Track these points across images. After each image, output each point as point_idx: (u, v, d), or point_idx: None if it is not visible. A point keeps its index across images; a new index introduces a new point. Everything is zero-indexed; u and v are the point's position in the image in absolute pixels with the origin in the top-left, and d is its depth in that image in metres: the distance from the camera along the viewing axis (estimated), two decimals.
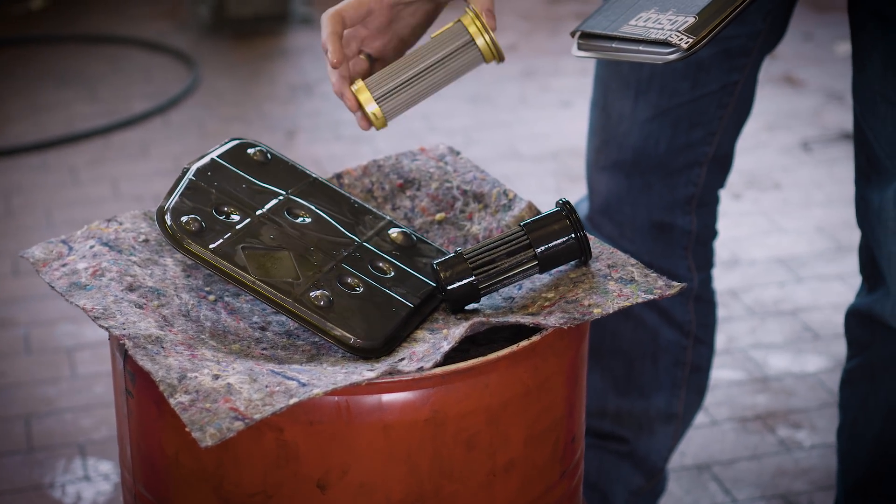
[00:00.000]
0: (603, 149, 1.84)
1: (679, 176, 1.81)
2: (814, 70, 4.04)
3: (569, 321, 1.23)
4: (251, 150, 1.42)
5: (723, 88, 1.76)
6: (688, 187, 1.82)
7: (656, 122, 1.77)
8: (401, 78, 1.38)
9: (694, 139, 1.78)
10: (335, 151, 3.52)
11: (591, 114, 1.86)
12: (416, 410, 1.18)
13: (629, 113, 1.79)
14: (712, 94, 1.76)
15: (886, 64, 1.56)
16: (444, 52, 1.38)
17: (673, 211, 1.84)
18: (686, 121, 1.77)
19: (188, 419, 1.11)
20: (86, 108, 3.82)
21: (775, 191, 3.28)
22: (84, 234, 1.37)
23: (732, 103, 1.77)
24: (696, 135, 1.78)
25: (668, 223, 1.85)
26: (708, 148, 1.80)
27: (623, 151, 1.81)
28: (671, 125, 1.77)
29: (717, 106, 1.77)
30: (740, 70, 1.75)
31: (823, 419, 2.36)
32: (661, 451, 1.99)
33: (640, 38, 1.34)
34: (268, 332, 1.29)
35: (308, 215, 1.37)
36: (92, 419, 2.37)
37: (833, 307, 2.72)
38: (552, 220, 1.32)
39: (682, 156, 1.80)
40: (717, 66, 1.74)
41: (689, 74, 1.74)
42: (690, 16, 1.34)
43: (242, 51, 4.30)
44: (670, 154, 1.79)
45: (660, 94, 1.76)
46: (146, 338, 1.20)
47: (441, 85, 1.39)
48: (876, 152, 1.61)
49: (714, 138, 1.79)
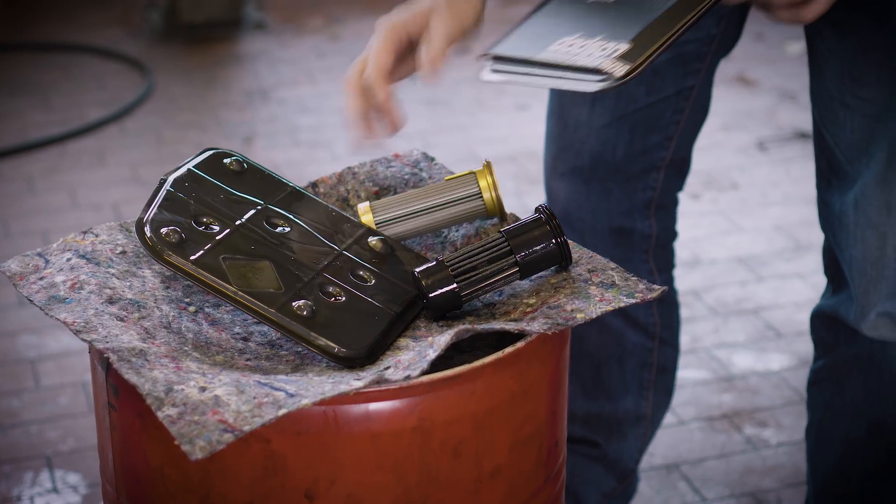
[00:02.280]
0: (560, 155, 1.85)
1: (637, 181, 1.82)
2: (766, 70, 4.07)
3: (552, 327, 1.23)
4: (227, 160, 1.42)
5: (678, 93, 1.77)
6: (646, 192, 1.84)
7: (613, 128, 1.78)
8: (406, 210, 1.43)
9: (651, 144, 1.80)
10: (294, 157, 3.51)
11: (548, 122, 1.87)
12: (404, 419, 1.18)
13: (586, 119, 1.80)
14: (668, 100, 1.77)
15: (843, 70, 1.58)
16: (452, 197, 1.43)
17: (632, 215, 1.85)
18: (643, 126, 1.78)
19: (177, 432, 1.10)
20: (40, 116, 3.79)
21: (733, 191, 3.30)
22: (60, 246, 1.36)
23: (688, 108, 1.78)
24: (653, 140, 1.79)
25: (627, 228, 1.86)
26: (665, 152, 1.81)
27: (580, 158, 1.82)
28: (628, 131, 1.78)
29: (673, 111, 1.78)
30: (695, 75, 1.76)
31: (788, 417, 2.38)
32: (632, 452, 2.01)
33: (567, 65, 1.26)
34: (250, 343, 1.29)
35: (287, 225, 1.37)
36: (58, 431, 2.36)
37: (794, 305, 2.74)
38: (532, 226, 1.32)
39: (640, 161, 1.81)
40: (671, 71, 1.75)
41: (644, 80, 1.75)
42: (623, 42, 1.27)
43: (196, 57, 4.28)
44: (628, 159, 1.80)
45: (616, 100, 1.77)
46: (130, 351, 1.19)
47: (440, 226, 1.45)
48: (836, 157, 1.63)
49: (671, 143, 1.80)
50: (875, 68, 1.55)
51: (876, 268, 1.61)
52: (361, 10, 4.65)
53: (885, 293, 1.61)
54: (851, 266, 1.63)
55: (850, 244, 1.63)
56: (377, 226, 1.44)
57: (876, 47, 1.54)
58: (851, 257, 1.63)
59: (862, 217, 1.60)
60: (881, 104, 1.55)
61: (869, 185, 1.58)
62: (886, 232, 1.58)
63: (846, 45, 1.57)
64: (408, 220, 1.44)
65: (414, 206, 1.43)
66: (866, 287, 1.62)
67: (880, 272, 1.60)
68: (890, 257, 1.59)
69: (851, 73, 1.57)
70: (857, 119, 1.58)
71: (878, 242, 1.60)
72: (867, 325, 1.64)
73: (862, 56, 1.56)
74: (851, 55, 1.56)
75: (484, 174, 1.43)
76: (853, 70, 1.57)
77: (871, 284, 1.62)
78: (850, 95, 1.58)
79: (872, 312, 1.63)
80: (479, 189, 1.43)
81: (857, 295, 1.63)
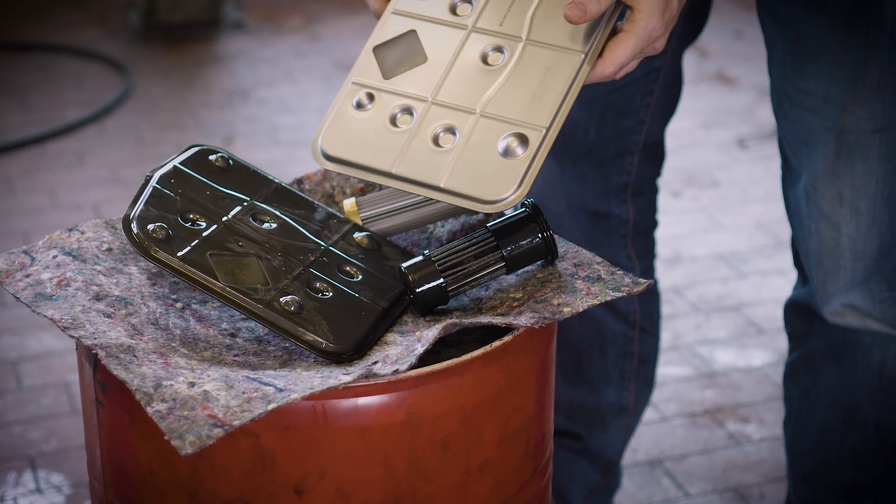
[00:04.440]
0: None
1: (611, 164, 1.83)
2: (746, 67, 4.09)
3: (540, 321, 1.24)
4: (213, 157, 1.42)
5: (646, 76, 1.77)
6: (621, 175, 1.84)
7: (584, 111, 1.79)
8: (391, 206, 1.43)
9: (623, 128, 1.80)
10: (274, 156, 3.51)
11: None
12: (392, 413, 1.18)
13: None
14: (636, 82, 1.77)
15: (785, 62, 1.59)
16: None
17: (608, 199, 1.85)
18: (613, 109, 1.79)
19: (167, 427, 1.10)
20: (18, 117, 3.77)
21: (714, 188, 3.31)
22: (46, 244, 1.35)
23: (657, 90, 1.79)
24: (625, 123, 1.80)
25: (603, 211, 1.86)
26: (638, 136, 1.81)
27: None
28: (599, 114, 1.79)
29: (643, 94, 1.78)
30: (661, 56, 1.76)
31: (770, 412, 2.39)
32: (615, 444, 2.01)
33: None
34: (238, 339, 1.29)
35: (274, 221, 1.37)
36: (41, 431, 2.35)
37: (775, 302, 2.75)
38: (518, 221, 1.33)
39: (613, 144, 1.81)
40: None
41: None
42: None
43: (175, 57, 4.28)
44: (600, 142, 1.81)
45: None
46: (118, 347, 1.19)
47: (427, 221, 1.44)
48: (784, 149, 1.65)
49: (643, 126, 1.81)
50: (813, 60, 1.56)
51: (832, 259, 1.62)
52: (340, 9, 4.65)
53: (843, 283, 1.62)
54: (808, 258, 1.65)
55: (805, 236, 1.64)
56: (363, 222, 1.44)
57: (813, 38, 1.55)
58: (808, 249, 1.64)
59: (815, 209, 1.61)
60: (820, 96, 1.56)
61: (819, 178, 1.59)
62: (840, 223, 1.60)
63: (786, 37, 1.58)
64: (393, 216, 1.44)
65: (400, 202, 1.44)
66: (824, 278, 1.63)
67: (837, 262, 1.62)
68: (845, 248, 1.61)
69: (793, 65, 1.58)
70: (798, 111, 1.59)
71: (832, 234, 1.61)
72: (830, 314, 1.65)
73: (801, 47, 1.56)
74: (791, 46, 1.57)
75: None
76: (794, 62, 1.57)
77: (828, 276, 1.63)
78: (792, 87, 1.58)
79: (834, 302, 1.64)
80: None
81: (816, 286, 1.65)
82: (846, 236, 1.59)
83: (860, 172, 1.57)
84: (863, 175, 1.57)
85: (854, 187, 1.57)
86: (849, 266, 1.61)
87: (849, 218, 1.59)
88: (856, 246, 1.60)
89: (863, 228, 1.59)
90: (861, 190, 1.57)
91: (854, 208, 1.58)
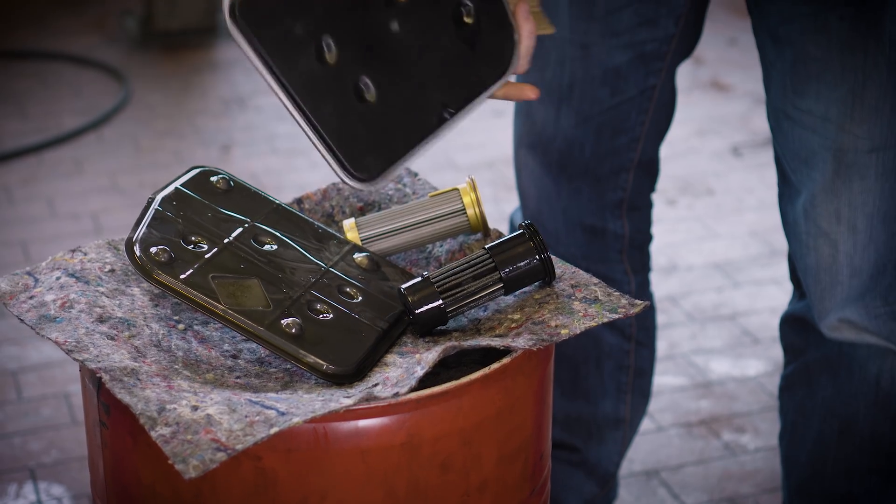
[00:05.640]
0: (529, 154, 1.88)
1: (607, 181, 1.85)
2: (740, 75, 4.11)
3: (538, 343, 1.25)
4: (214, 178, 1.44)
5: (641, 94, 1.79)
6: (616, 192, 1.86)
7: (580, 130, 1.81)
8: (391, 226, 1.46)
9: (618, 145, 1.82)
10: (272, 165, 3.52)
11: (516, 121, 1.90)
12: (392, 435, 1.20)
13: (553, 119, 1.82)
14: (632, 101, 1.79)
15: (784, 82, 1.61)
16: (436, 214, 1.45)
17: (603, 215, 1.88)
18: (609, 128, 1.81)
19: (170, 451, 1.12)
20: (15, 125, 3.78)
21: (708, 196, 3.33)
22: (49, 265, 1.37)
23: (652, 108, 1.81)
24: (621, 141, 1.82)
25: (599, 227, 1.88)
26: (633, 154, 1.84)
27: (549, 155, 1.85)
28: (594, 132, 1.81)
29: (638, 112, 1.80)
30: (656, 74, 1.78)
31: (765, 422, 2.41)
32: (612, 456, 2.03)
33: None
34: (240, 360, 1.30)
35: (274, 242, 1.39)
36: (41, 442, 2.36)
37: (770, 311, 2.77)
38: (516, 242, 1.34)
39: (608, 162, 1.83)
40: (633, 72, 1.77)
41: (607, 81, 1.78)
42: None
43: (172, 64, 4.29)
44: (596, 160, 1.83)
45: (580, 101, 1.80)
46: (122, 370, 1.21)
47: (425, 242, 1.47)
48: (783, 167, 1.67)
49: (638, 144, 1.83)
50: (813, 80, 1.58)
51: (829, 274, 1.64)
52: None
53: (840, 299, 1.65)
54: (806, 274, 1.67)
55: (803, 253, 1.66)
56: (363, 242, 1.45)
57: (813, 59, 1.57)
58: (806, 265, 1.66)
59: (813, 226, 1.63)
60: (820, 116, 1.58)
61: (818, 195, 1.61)
62: (837, 240, 1.62)
63: (785, 57, 1.60)
64: (393, 236, 1.46)
65: (399, 222, 1.45)
66: (821, 294, 1.66)
67: (834, 278, 1.64)
68: (842, 264, 1.63)
69: (792, 85, 1.60)
70: (798, 130, 1.61)
71: (829, 250, 1.63)
72: (827, 328, 1.67)
73: (801, 68, 1.59)
74: (791, 67, 1.60)
75: (467, 191, 1.45)
76: (794, 82, 1.60)
77: (825, 291, 1.65)
78: (792, 107, 1.61)
79: (831, 317, 1.66)
80: (462, 205, 1.45)
81: (814, 302, 1.67)
82: (843, 253, 1.62)
83: (858, 191, 1.59)
84: (860, 193, 1.59)
85: (852, 205, 1.59)
86: (845, 282, 1.63)
87: (846, 235, 1.61)
88: (853, 262, 1.62)
89: (859, 246, 1.61)
90: (858, 208, 1.59)
91: (851, 226, 1.60)
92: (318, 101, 1.27)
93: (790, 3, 1.57)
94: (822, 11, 1.54)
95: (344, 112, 1.29)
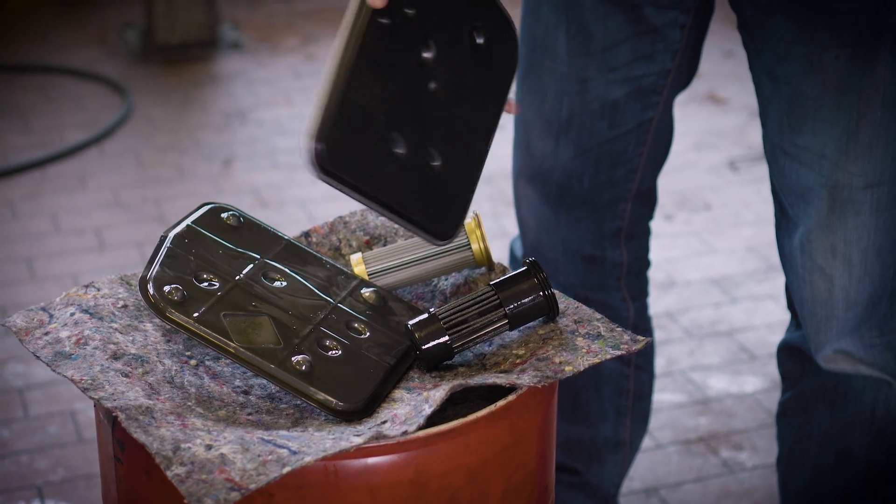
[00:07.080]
0: (528, 186, 1.91)
1: (605, 212, 1.88)
2: (736, 87, 4.14)
3: (542, 380, 1.29)
4: (224, 215, 1.47)
5: (639, 126, 1.83)
6: (615, 222, 1.90)
7: (579, 161, 1.84)
8: (397, 261, 1.48)
9: (616, 177, 1.86)
10: (273, 180, 3.55)
11: (515, 153, 1.93)
12: (401, 471, 1.23)
13: (551, 151, 1.86)
14: (629, 133, 1.83)
15: (780, 119, 1.64)
16: (441, 249, 1.48)
17: (602, 244, 1.91)
18: (607, 159, 1.84)
19: (186, 491, 1.15)
20: (19, 139, 3.81)
21: (706, 211, 3.36)
22: (63, 301, 1.40)
23: (649, 140, 1.84)
24: (619, 172, 1.85)
25: (598, 256, 1.92)
26: (631, 184, 1.87)
27: (548, 187, 1.88)
28: (593, 164, 1.84)
29: (635, 144, 1.84)
30: (654, 108, 1.82)
31: (763, 440, 2.44)
32: (613, 478, 2.06)
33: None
34: (251, 397, 1.34)
35: (283, 279, 1.42)
36: (48, 460, 2.39)
37: (767, 327, 2.81)
38: (521, 279, 1.38)
39: (607, 192, 1.87)
40: (630, 105, 1.80)
41: (605, 115, 1.81)
42: None
43: (173, 77, 4.32)
44: (594, 190, 1.86)
45: (579, 134, 1.83)
46: (137, 409, 1.24)
47: (430, 276, 1.50)
48: (781, 201, 1.70)
49: (636, 174, 1.87)
50: (810, 119, 1.62)
51: (825, 308, 1.68)
52: (336, 29, 4.68)
53: (835, 331, 1.68)
54: (802, 306, 1.70)
55: (799, 286, 1.70)
56: (370, 276, 1.49)
57: (809, 97, 1.61)
58: (802, 298, 1.70)
59: (809, 261, 1.67)
60: (816, 153, 1.62)
61: (813, 230, 1.65)
62: (833, 275, 1.65)
63: (782, 96, 1.63)
64: (399, 270, 1.49)
65: (405, 257, 1.49)
66: (817, 326, 1.69)
67: (830, 312, 1.67)
68: (838, 298, 1.66)
69: (789, 122, 1.64)
70: (795, 166, 1.64)
71: (825, 285, 1.66)
72: (823, 360, 1.71)
73: (797, 106, 1.62)
74: (787, 105, 1.63)
75: (472, 226, 1.48)
76: (790, 119, 1.63)
77: (821, 324, 1.69)
78: (789, 143, 1.64)
79: (826, 349, 1.69)
80: (468, 241, 1.48)
81: (810, 334, 1.70)
82: (839, 287, 1.65)
83: (853, 226, 1.62)
84: (855, 229, 1.62)
85: (847, 240, 1.63)
86: (841, 315, 1.66)
87: (841, 270, 1.64)
88: (848, 296, 1.65)
89: (855, 279, 1.64)
90: (854, 243, 1.63)
91: (847, 260, 1.63)
92: (404, 193, 1.32)
93: (786, 43, 1.60)
94: (817, 52, 1.58)
95: (423, 188, 1.34)
